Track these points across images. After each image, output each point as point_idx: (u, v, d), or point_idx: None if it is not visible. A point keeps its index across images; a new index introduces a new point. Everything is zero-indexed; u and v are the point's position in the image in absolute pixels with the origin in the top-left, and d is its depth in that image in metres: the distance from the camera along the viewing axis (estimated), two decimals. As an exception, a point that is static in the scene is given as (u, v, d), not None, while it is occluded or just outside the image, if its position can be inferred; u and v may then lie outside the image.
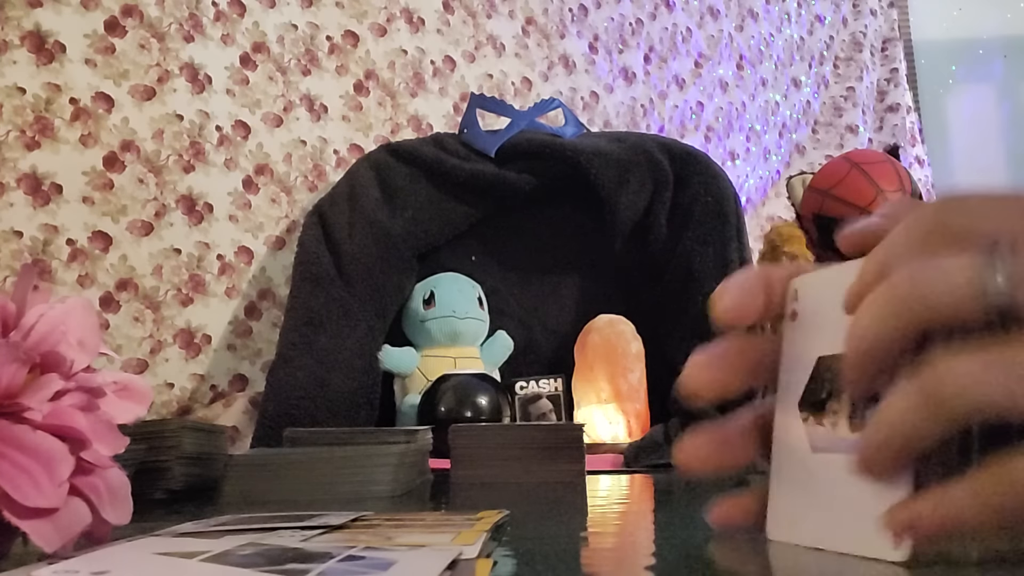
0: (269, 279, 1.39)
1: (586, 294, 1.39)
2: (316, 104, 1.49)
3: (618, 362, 1.21)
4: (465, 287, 1.32)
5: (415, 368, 1.26)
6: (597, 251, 1.37)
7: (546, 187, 1.35)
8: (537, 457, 0.68)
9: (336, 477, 0.59)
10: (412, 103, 1.63)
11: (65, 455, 0.29)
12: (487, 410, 1.09)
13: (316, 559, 0.27)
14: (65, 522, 0.28)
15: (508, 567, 0.30)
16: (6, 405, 0.29)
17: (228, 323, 1.33)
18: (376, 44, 1.58)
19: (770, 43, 2.54)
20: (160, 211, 1.27)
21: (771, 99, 2.54)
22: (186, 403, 1.27)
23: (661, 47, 2.17)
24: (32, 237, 1.15)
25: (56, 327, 0.31)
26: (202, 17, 1.35)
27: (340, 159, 1.50)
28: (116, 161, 1.23)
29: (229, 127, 1.36)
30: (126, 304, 1.22)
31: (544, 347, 1.37)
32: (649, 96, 2.11)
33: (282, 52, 1.45)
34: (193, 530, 0.34)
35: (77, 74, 1.20)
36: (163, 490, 0.63)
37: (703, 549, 0.35)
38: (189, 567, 0.26)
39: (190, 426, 0.68)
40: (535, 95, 1.82)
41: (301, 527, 0.35)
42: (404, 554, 0.28)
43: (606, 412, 1.19)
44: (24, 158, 1.15)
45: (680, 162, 1.31)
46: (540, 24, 1.88)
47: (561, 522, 0.48)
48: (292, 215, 1.43)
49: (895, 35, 3.04)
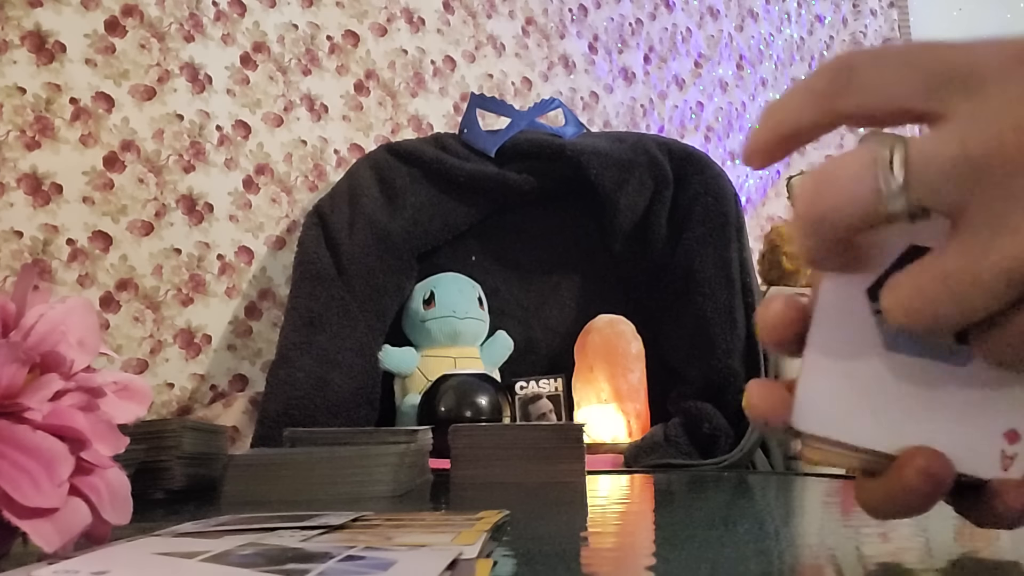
0: (269, 279, 1.39)
1: (586, 294, 1.39)
2: (316, 104, 1.49)
3: (618, 362, 1.21)
4: (465, 287, 1.32)
5: (415, 368, 1.26)
6: (597, 251, 1.37)
7: (546, 187, 1.35)
8: (537, 457, 0.68)
9: (336, 477, 0.59)
10: (412, 103, 1.63)
11: (65, 455, 0.29)
12: (487, 410, 1.09)
13: (316, 559, 0.27)
14: (65, 522, 0.28)
15: (508, 567, 0.30)
16: (6, 405, 0.29)
17: (228, 323, 1.33)
18: (376, 44, 1.59)
19: (770, 43, 2.54)
20: (160, 211, 1.27)
21: (771, 99, 2.54)
22: (186, 403, 1.27)
23: (661, 47, 2.17)
24: (32, 237, 1.15)
25: (56, 327, 0.31)
26: (202, 17, 1.35)
27: (340, 159, 1.50)
28: (116, 161, 1.23)
29: (229, 127, 1.36)
30: (126, 304, 1.22)
31: (544, 347, 1.37)
32: (649, 96, 2.11)
33: (282, 52, 1.45)
34: (193, 530, 0.34)
35: (77, 74, 1.20)
36: (163, 490, 0.63)
37: (703, 549, 0.35)
38: (189, 567, 0.26)
39: (190, 426, 0.68)
40: (535, 95, 1.82)
41: (301, 527, 0.35)
42: (404, 554, 0.28)
43: (606, 412, 1.19)
44: (24, 158, 1.15)
45: (680, 162, 1.31)
46: (540, 24, 1.88)
47: (561, 522, 0.48)
48: (292, 215, 1.43)
49: (895, 35, 3.04)
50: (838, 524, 0.44)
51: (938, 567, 0.24)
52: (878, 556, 0.32)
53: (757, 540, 0.33)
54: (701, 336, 1.17)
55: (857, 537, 0.36)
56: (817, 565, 0.30)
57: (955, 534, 0.35)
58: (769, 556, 0.32)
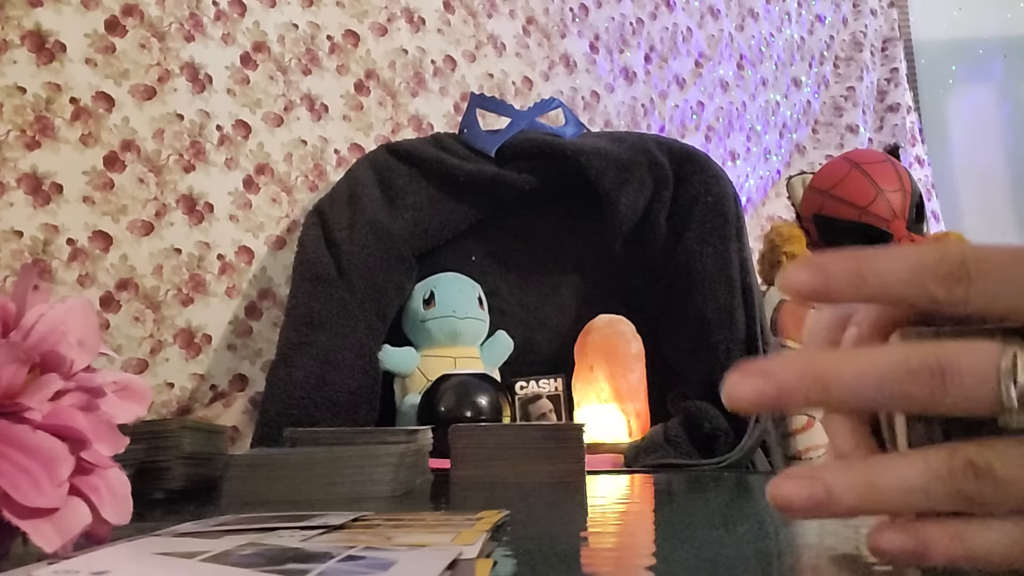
0: (269, 279, 1.39)
1: (586, 294, 1.39)
2: (317, 104, 1.49)
3: (618, 362, 1.21)
4: (465, 287, 1.32)
5: (415, 368, 1.26)
6: (597, 251, 1.37)
7: (546, 187, 1.35)
8: (537, 457, 0.68)
9: (336, 477, 0.59)
10: (412, 103, 1.62)
11: (65, 455, 0.29)
12: (487, 410, 1.09)
13: (316, 559, 0.27)
14: (65, 522, 0.28)
15: (508, 567, 0.30)
16: (6, 405, 0.29)
17: (228, 323, 1.33)
18: (377, 44, 1.58)
19: (770, 43, 2.54)
20: (160, 211, 1.27)
21: (771, 99, 2.54)
22: (186, 403, 1.27)
23: (662, 47, 2.17)
24: (32, 237, 1.15)
25: (56, 327, 0.31)
26: (202, 16, 1.35)
27: (341, 159, 1.50)
28: (116, 161, 1.23)
29: (229, 127, 1.36)
30: (126, 304, 1.22)
31: (544, 347, 1.37)
32: (650, 96, 2.11)
33: (283, 52, 1.45)
34: (193, 530, 0.34)
35: (77, 74, 1.20)
36: (163, 490, 0.63)
37: (703, 549, 0.35)
38: (189, 567, 0.26)
39: (190, 426, 0.68)
40: (535, 95, 1.82)
41: (301, 527, 0.35)
42: (404, 554, 0.28)
43: (606, 412, 1.19)
44: (24, 158, 1.15)
45: (680, 162, 1.31)
46: (541, 24, 1.88)
47: (561, 522, 0.48)
48: (292, 215, 1.43)
49: (895, 35, 3.04)
50: (838, 524, 0.43)
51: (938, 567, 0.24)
52: (878, 556, 0.32)
53: (757, 540, 0.33)
54: (701, 336, 1.17)
55: (857, 537, 0.36)
56: (817, 565, 0.30)
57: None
58: (769, 556, 0.32)
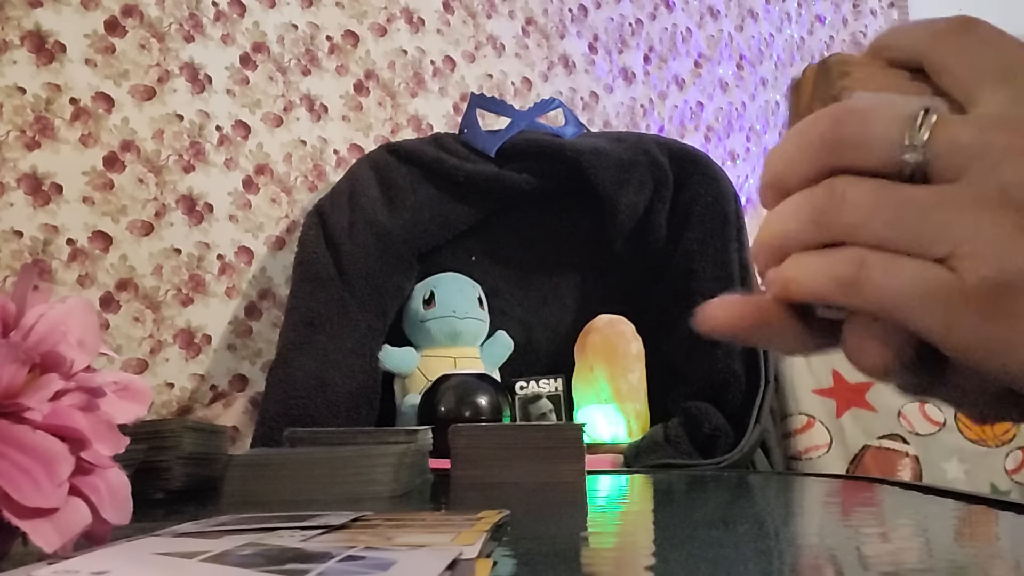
0: (269, 279, 1.39)
1: (586, 294, 1.39)
2: (316, 104, 1.49)
3: (618, 362, 1.21)
4: (465, 287, 1.32)
5: (415, 368, 1.26)
6: (597, 251, 1.37)
7: (546, 187, 1.35)
8: (537, 457, 0.68)
9: (336, 477, 0.59)
10: (412, 103, 1.62)
11: (65, 455, 0.29)
12: (487, 410, 1.09)
13: (316, 559, 0.27)
14: (65, 522, 0.28)
15: (508, 567, 0.30)
16: (6, 405, 0.29)
17: (228, 323, 1.33)
18: (376, 44, 1.58)
19: (770, 43, 2.54)
20: (160, 211, 1.27)
21: (771, 99, 2.54)
22: (186, 403, 1.27)
23: (661, 47, 2.17)
24: (32, 237, 1.15)
25: (56, 327, 0.31)
26: (202, 17, 1.35)
27: (340, 159, 1.50)
28: (116, 161, 1.23)
29: (229, 127, 1.36)
30: (126, 304, 1.22)
31: (544, 347, 1.37)
32: (649, 96, 2.11)
33: (282, 52, 1.45)
34: (193, 530, 0.34)
35: (77, 74, 1.20)
36: (163, 490, 0.63)
37: (703, 549, 0.35)
38: (189, 567, 0.26)
39: (190, 426, 0.68)
40: (535, 95, 1.82)
41: (301, 527, 0.35)
42: (404, 554, 0.28)
43: (606, 412, 1.19)
44: (24, 158, 1.15)
45: (680, 162, 1.31)
46: (540, 24, 1.88)
47: (561, 522, 0.48)
48: (292, 215, 1.43)
49: (895, 35, 3.03)
50: (838, 524, 0.44)
51: (938, 567, 0.24)
52: (878, 556, 0.32)
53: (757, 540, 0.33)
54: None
55: (857, 537, 0.36)
56: (817, 565, 0.30)
57: (955, 534, 0.35)
58: (769, 556, 0.32)
